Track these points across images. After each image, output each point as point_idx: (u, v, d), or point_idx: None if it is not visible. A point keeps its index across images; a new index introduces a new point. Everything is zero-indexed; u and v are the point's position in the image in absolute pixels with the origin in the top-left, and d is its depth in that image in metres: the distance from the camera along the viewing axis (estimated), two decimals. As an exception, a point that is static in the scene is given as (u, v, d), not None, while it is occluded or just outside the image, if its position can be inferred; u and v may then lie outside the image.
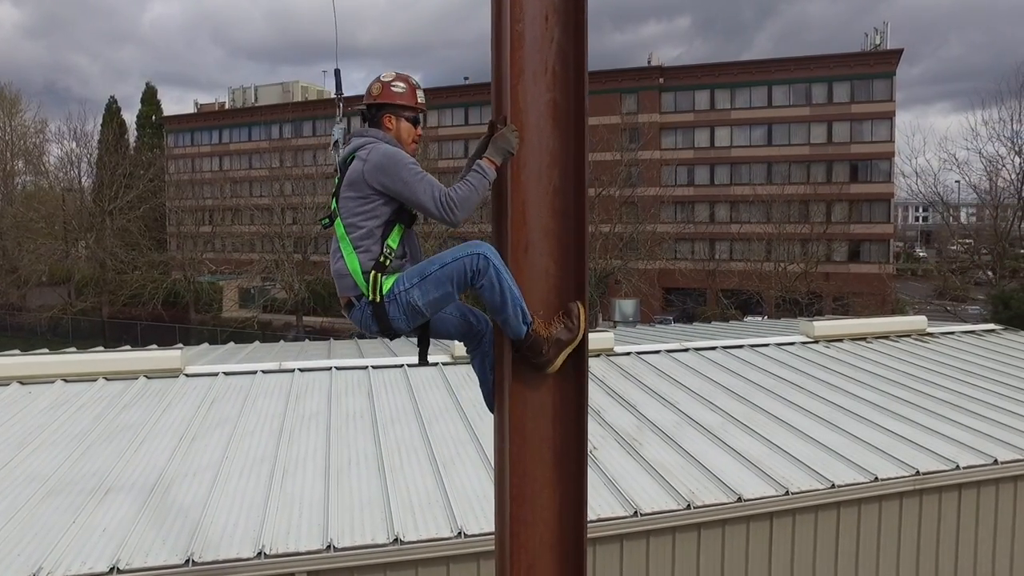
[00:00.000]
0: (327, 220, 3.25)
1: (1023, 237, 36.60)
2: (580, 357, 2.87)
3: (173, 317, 41.51)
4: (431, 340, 3.38)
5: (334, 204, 3.21)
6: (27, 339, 41.58)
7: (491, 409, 3.29)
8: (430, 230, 35.44)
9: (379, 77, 3.33)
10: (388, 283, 3.05)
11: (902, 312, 39.96)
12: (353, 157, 3.16)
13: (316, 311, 42.27)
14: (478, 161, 2.96)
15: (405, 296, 2.99)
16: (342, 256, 3.14)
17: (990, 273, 36.40)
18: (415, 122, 3.32)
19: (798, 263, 38.88)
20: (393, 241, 3.09)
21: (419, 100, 3.31)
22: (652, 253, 41.29)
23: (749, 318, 38.27)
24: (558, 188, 2.71)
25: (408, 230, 3.19)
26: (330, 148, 3.32)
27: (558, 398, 2.80)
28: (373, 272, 3.05)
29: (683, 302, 46.49)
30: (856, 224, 46.79)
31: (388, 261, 3.07)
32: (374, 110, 3.29)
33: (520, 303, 2.82)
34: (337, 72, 3.52)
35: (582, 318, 2.86)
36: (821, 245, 41.86)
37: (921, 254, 79.11)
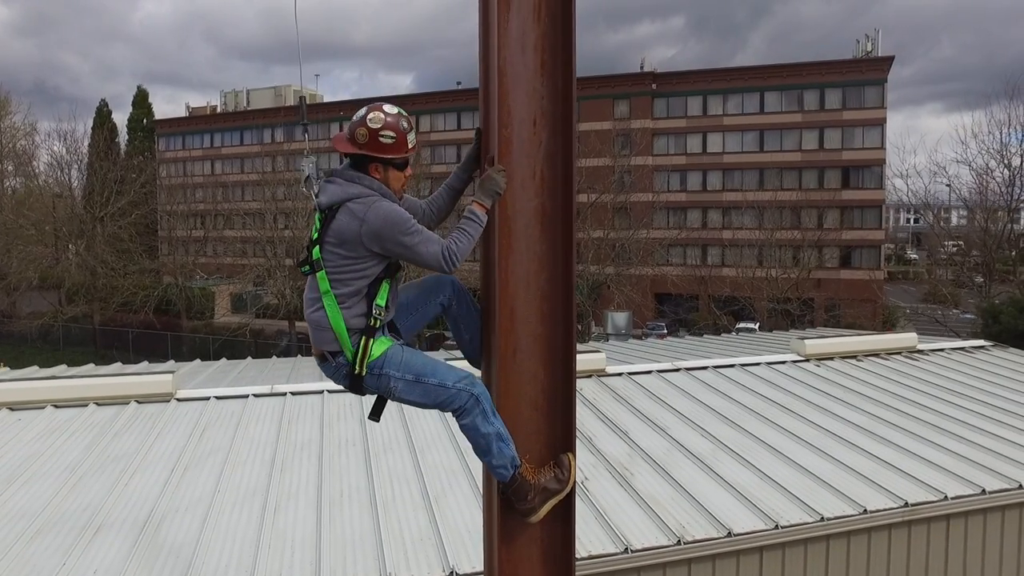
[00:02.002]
0: (308, 268, 3.01)
1: (1013, 239, 36.93)
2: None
3: (165, 324, 41.32)
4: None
5: (317, 253, 2.97)
6: (17, 346, 41.34)
7: (475, 365, 3.22)
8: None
9: (365, 119, 2.96)
10: (376, 350, 2.91)
11: (892, 319, 40.18)
12: (340, 206, 2.92)
13: (308, 317, 42.14)
14: (469, 207, 2.87)
15: (387, 380, 2.92)
16: (323, 308, 2.95)
17: (980, 278, 36.70)
18: (404, 166, 3.06)
19: (790, 271, 39.03)
20: (381, 299, 2.93)
21: (410, 146, 3.02)
22: (645, 260, 41.37)
23: (741, 324, 38.40)
24: (546, 293, 2.72)
25: (395, 279, 3.03)
26: (302, 184, 3.12)
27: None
28: (363, 337, 2.90)
29: (675, 311, 46.58)
30: (847, 230, 47.04)
31: (377, 321, 2.92)
32: (360, 156, 3.01)
33: (507, 447, 2.78)
34: (302, 99, 3.32)
35: (572, 469, 2.84)
36: (812, 251, 42.08)
37: (912, 256, 79.64)
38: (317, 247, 2.97)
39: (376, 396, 3.14)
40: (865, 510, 6.55)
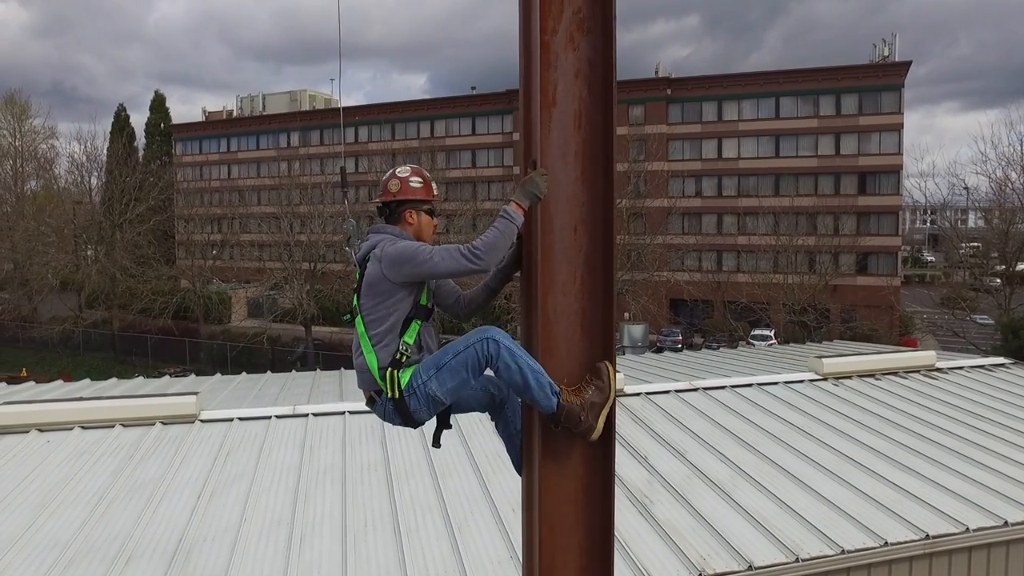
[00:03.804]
0: (348, 316, 3.32)
1: None
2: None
3: (183, 330, 41.68)
4: (451, 418, 3.43)
5: (355, 302, 3.27)
6: (38, 351, 41.92)
7: (520, 472, 3.35)
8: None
9: (395, 172, 3.35)
10: (405, 377, 3.12)
11: (909, 327, 39.87)
12: (369, 257, 3.22)
13: (324, 322, 42.35)
14: (504, 206, 2.96)
15: (424, 388, 3.07)
16: (362, 353, 3.22)
17: (998, 281, 36.40)
18: (432, 213, 3.38)
19: (805, 276, 38.79)
20: (410, 337, 3.16)
21: (435, 192, 3.38)
22: (661, 266, 41.29)
23: (756, 332, 38.26)
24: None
25: (425, 324, 3.25)
26: (344, 245, 3.44)
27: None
28: (389, 369, 3.13)
29: (689, 318, 46.43)
30: (864, 236, 46.73)
31: (404, 357, 3.14)
32: (394, 205, 3.33)
33: (542, 377, 2.82)
34: (343, 170, 3.63)
35: (612, 376, 2.85)
36: (828, 258, 41.84)
37: (929, 258, 78.96)
38: (356, 296, 3.26)
39: (436, 420, 3.35)
40: (886, 542, 6.56)
